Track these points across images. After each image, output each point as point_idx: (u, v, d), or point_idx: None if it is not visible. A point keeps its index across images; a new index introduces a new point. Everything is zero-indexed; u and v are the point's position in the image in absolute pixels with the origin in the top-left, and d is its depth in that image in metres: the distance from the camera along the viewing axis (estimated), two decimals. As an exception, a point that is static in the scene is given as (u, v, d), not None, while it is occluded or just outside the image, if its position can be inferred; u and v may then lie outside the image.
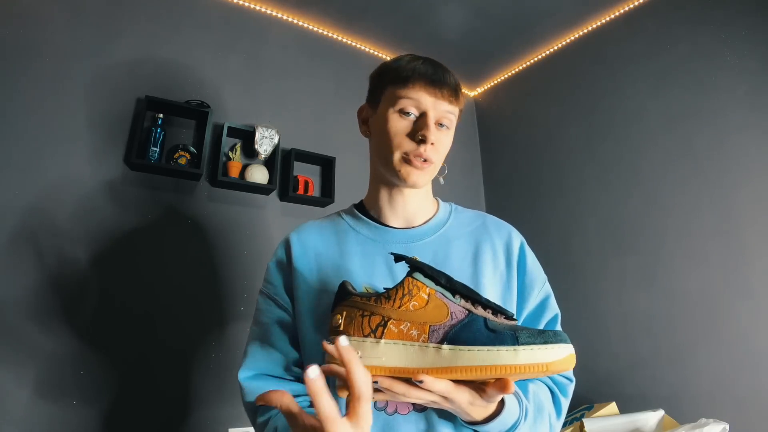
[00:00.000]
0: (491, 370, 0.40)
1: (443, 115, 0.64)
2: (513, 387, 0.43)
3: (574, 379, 0.68)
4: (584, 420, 1.39)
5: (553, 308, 0.69)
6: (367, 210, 0.73)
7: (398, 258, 0.52)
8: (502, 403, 0.51)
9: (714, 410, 1.45)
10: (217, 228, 1.73)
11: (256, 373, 0.66)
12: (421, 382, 0.42)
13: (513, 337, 0.40)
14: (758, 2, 1.61)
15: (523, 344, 0.40)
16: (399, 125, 0.64)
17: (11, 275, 1.34)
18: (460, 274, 0.65)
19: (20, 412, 1.27)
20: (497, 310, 0.45)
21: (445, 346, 0.42)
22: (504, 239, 0.72)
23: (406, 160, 0.64)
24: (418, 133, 0.63)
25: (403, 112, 0.64)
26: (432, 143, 0.63)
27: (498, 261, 0.69)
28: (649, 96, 1.87)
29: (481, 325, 0.42)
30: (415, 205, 0.70)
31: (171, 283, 1.59)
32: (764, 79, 1.55)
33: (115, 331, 1.45)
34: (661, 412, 1.38)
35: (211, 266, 1.68)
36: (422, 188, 0.70)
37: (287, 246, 0.71)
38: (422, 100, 0.63)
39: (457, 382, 0.44)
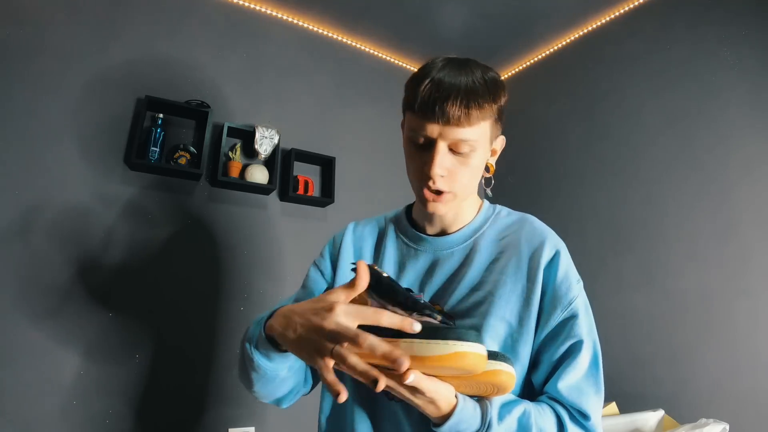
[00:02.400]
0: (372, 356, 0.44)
1: (456, 142, 0.57)
2: (402, 371, 0.43)
3: (593, 418, 0.59)
4: (584, 420, 1.38)
5: (575, 334, 0.60)
6: (413, 215, 0.76)
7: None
8: (453, 409, 0.50)
9: (714, 410, 1.45)
10: (217, 228, 1.73)
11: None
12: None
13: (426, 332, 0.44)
14: (758, 2, 1.61)
15: (424, 339, 0.44)
16: (413, 155, 0.62)
17: (10, 275, 1.34)
18: (468, 284, 0.64)
19: (20, 412, 1.27)
20: (424, 312, 0.49)
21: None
22: (532, 250, 0.64)
23: (422, 192, 0.62)
24: (424, 167, 0.59)
25: (415, 142, 0.60)
26: (442, 176, 0.59)
27: (520, 274, 0.63)
28: (649, 96, 1.87)
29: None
30: (451, 215, 0.69)
31: (171, 283, 1.59)
32: (764, 79, 1.55)
33: (114, 331, 1.45)
34: (661, 412, 1.38)
35: (211, 266, 1.68)
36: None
37: (344, 233, 0.78)
38: (428, 129, 0.57)
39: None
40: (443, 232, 0.70)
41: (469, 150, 0.59)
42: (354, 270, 0.48)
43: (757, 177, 1.53)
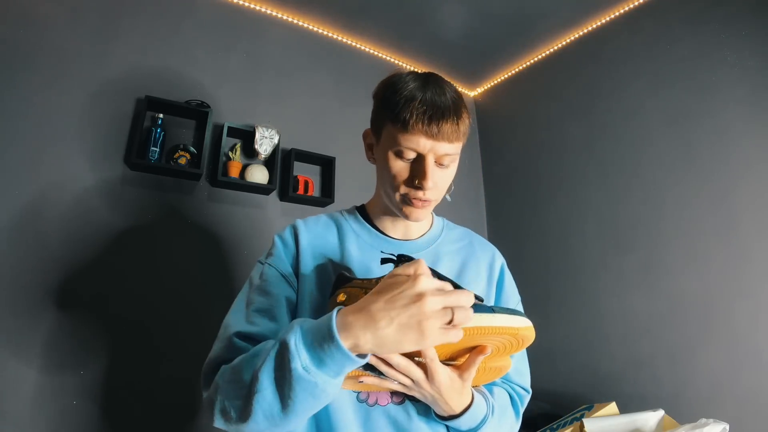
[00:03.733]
0: (475, 330, 0.48)
1: (442, 156, 0.62)
2: (489, 349, 0.52)
3: (531, 391, 0.74)
4: (584, 420, 1.39)
5: None
6: (370, 217, 0.76)
7: (385, 260, 0.58)
8: (471, 400, 0.58)
9: (714, 410, 1.45)
10: (217, 228, 1.73)
11: (253, 334, 0.60)
12: None
13: (489, 308, 0.51)
14: (758, 2, 1.61)
15: (498, 312, 0.50)
16: (398, 168, 0.64)
17: (11, 275, 1.34)
18: None
19: (20, 412, 1.27)
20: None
21: None
22: (488, 260, 0.77)
23: (406, 201, 0.65)
24: (415, 179, 0.63)
25: (401, 156, 0.63)
26: (430, 187, 0.63)
27: (480, 278, 0.74)
28: (649, 96, 1.87)
29: None
30: (415, 223, 0.75)
31: (170, 283, 1.59)
32: (764, 79, 1.55)
33: (115, 331, 1.45)
34: (661, 412, 1.38)
35: (211, 266, 1.68)
36: None
37: (295, 231, 0.73)
38: (420, 144, 0.61)
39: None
40: (405, 237, 0.75)
41: (450, 161, 0.65)
42: (384, 261, 0.58)
43: (757, 176, 1.53)
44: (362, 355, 0.46)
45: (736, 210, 1.56)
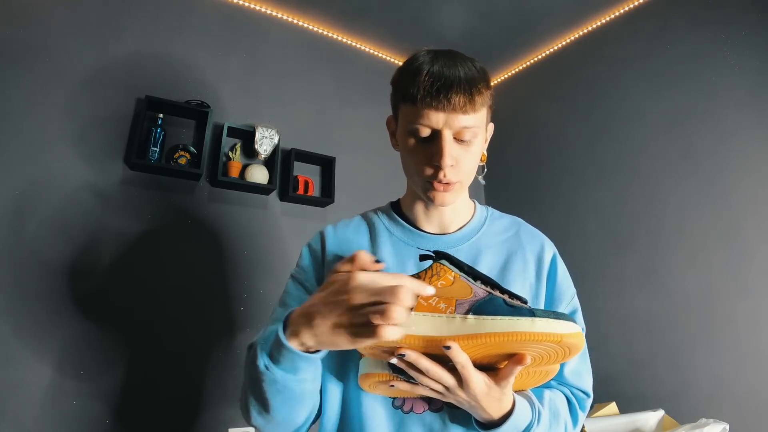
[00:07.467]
0: (511, 336, 0.45)
1: (460, 130, 0.58)
2: (528, 359, 0.47)
3: (592, 395, 0.68)
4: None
5: (579, 324, 0.68)
6: (404, 211, 0.73)
7: (424, 257, 0.54)
8: (513, 405, 0.53)
9: (714, 410, 1.45)
10: (217, 228, 1.73)
11: None
12: (448, 348, 0.45)
13: (530, 311, 0.46)
14: (758, 2, 1.61)
15: (539, 317, 0.46)
16: (415, 149, 0.61)
17: (11, 276, 1.34)
18: None
19: (20, 412, 1.27)
20: (513, 295, 0.51)
21: (470, 316, 0.47)
22: (536, 251, 0.70)
23: (429, 185, 0.62)
24: (433, 159, 0.59)
25: (417, 135, 0.59)
26: (451, 165, 0.59)
27: (528, 273, 0.68)
28: (649, 96, 1.87)
29: (501, 301, 0.48)
30: (450, 213, 0.70)
31: (171, 283, 1.59)
32: (764, 79, 1.55)
33: (115, 331, 1.45)
34: (661, 412, 1.38)
35: (211, 266, 1.68)
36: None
37: (322, 238, 0.72)
38: (432, 120, 0.57)
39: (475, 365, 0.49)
40: (442, 231, 0.70)
41: (472, 137, 0.59)
42: (423, 258, 0.53)
43: (758, 177, 1.53)
44: (315, 351, 0.48)
45: (736, 210, 1.56)
